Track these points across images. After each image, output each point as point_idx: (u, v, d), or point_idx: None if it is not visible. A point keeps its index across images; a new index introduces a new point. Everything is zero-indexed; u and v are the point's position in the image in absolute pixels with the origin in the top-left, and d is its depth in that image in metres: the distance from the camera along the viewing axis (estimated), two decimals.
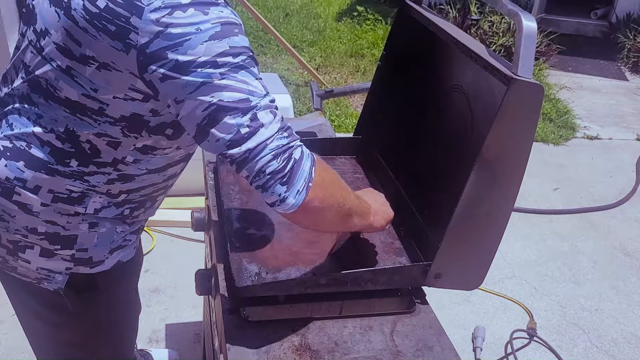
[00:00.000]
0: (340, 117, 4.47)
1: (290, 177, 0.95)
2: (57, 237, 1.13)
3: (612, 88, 5.76)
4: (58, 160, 1.08)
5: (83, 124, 1.05)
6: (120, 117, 1.04)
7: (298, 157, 0.97)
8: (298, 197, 0.96)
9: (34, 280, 1.19)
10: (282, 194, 0.95)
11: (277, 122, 0.96)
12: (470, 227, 1.20)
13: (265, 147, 0.94)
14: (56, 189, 1.10)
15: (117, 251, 1.22)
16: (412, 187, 1.48)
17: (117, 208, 1.18)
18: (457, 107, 1.41)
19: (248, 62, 0.96)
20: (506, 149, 1.12)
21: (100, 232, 1.17)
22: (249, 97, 0.94)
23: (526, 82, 1.05)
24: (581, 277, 2.99)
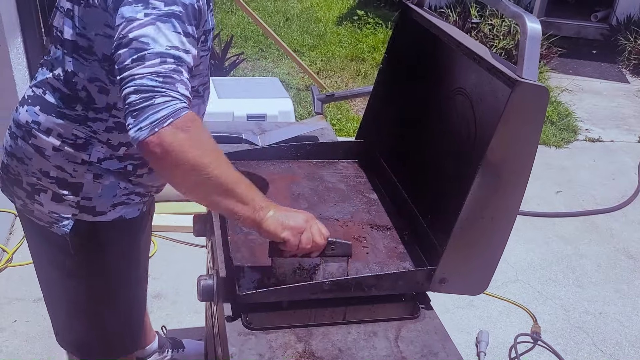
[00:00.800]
0: (341, 121, 4.46)
1: (139, 114, 0.98)
2: (65, 183, 1.27)
3: (613, 90, 5.75)
4: (66, 104, 1.23)
5: (78, 65, 1.19)
6: (103, 56, 1.17)
7: (158, 102, 0.98)
8: (139, 132, 0.98)
9: (46, 223, 1.32)
10: (130, 124, 0.99)
11: (160, 67, 0.99)
12: (475, 231, 1.18)
13: (132, 81, 0.99)
14: (64, 134, 1.24)
15: (120, 206, 1.32)
16: (416, 191, 1.47)
17: (120, 162, 1.28)
18: (460, 110, 1.40)
19: (177, 14, 1.03)
20: (511, 152, 1.11)
21: (104, 184, 1.28)
22: (150, 42, 1.00)
23: (531, 84, 1.04)
24: (585, 280, 2.97)
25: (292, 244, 1.11)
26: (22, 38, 3.26)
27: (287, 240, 1.10)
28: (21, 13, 3.21)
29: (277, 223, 1.10)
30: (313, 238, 1.12)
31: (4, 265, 2.67)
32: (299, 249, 1.12)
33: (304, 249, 1.12)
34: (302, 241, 1.11)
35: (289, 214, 1.12)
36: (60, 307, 1.51)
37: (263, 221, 1.09)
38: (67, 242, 1.31)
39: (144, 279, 1.58)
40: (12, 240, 2.85)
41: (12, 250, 2.76)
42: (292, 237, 1.10)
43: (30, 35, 3.29)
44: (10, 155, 1.33)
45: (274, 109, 3.00)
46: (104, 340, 1.54)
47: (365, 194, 1.59)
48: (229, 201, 1.06)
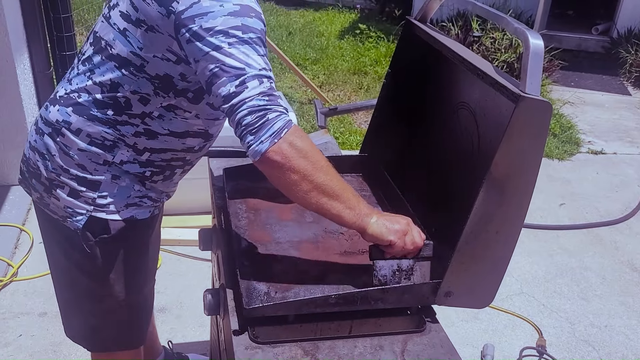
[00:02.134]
0: (344, 135, 4.48)
1: (259, 130, 1.10)
2: (84, 180, 1.35)
3: (615, 103, 5.76)
4: (99, 108, 1.31)
5: (125, 79, 1.27)
6: (155, 75, 1.26)
7: (272, 118, 1.10)
8: (260, 145, 1.10)
9: (60, 217, 1.39)
10: (250, 142, 1.11)
11: (262, 87, 1.12)
12: (480, 245, 1.19)
13: (244, 105, 1.11)
14: (93, 134, 1.32)
15: (132, 207, 1.39)
16: (420, 205, 1.48)
17: (140, 167, 1.37)
18: (463, 124, 1.41)
19: (255, 40, 1.15)
20: (515, 167, 1.12)
21: (121, 185, 1.36)
22: (245, 67, 1.12)
23: (534, 99, 1.05)
24: (590, 293, 2.97)
25: (399, 245, 1.19)
26: (28, 54, 3.29)
27: (394, 243, 1.19)
28: (27, 28, 3.24)
29: (383, 227, 1.19)
30: (414, 240, 1.21)
31: (9, 279, 2.68)
32: (404, 249, 1.20)
33: (408, 250, 1.21)
34: (406, 243, 1.20)
35: (392, 218, 1.22)
36: (70, 299, 1.57)
37: (369, 226, 1.18)
38: (79, 237, 1.38)
39: (151, 277, 1.62)
40: (17, 254, 2.87)
41: (17, 264, 2.77)
42: (398, 240, 1.19)
43: (36, 51, 3.32)
44: (33, 150, 1.40)
45: None
46: (111, 332, 1.58)
47: None
48: (338, 206, 1.16)
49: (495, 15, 1.22)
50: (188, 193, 2.77)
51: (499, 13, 1.19)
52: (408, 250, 1.21)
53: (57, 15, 3.37)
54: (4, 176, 3.35)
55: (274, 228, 1.44)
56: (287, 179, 1.12)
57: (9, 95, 3.14)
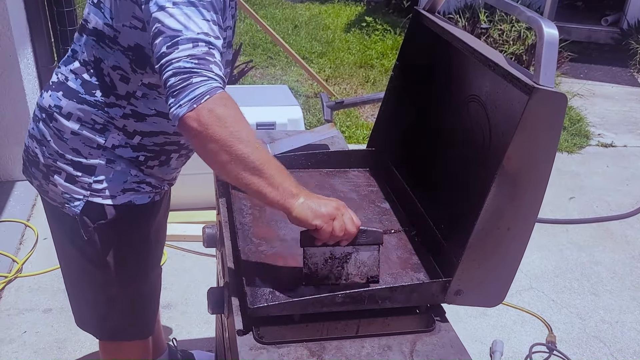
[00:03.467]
0: (350, 128, 4.43)
1: (179, 93, 1.05)
2: (80, 165, 1.35)
3: (625, 95, 5.68)
4: (87, 90, 1.32)
5: (103, 53, 1.28)
6: (128, 46, 1.25)
7: (196, 82, 1.05)
8: (178, 109, 1.05)
9: (59, 204, 1.40)
10: (170, 104, 1.07)
11: (193, 50, 1.07)
12: (491, 242, 1.15)
13: (170, 65, 1.07)
14: (83, 118, 1.33)
15: (129, 192, 1.38)
16: (429, 200, 1.44)
17: (133, 151, 1.36)
18: (474, 117, 1.37)
19: (204, 3, 1.11)
20: (528, 161, 1.08)
21: (116, 169, 1.36)
22: (182, 30, 1.08)
23: (548, 91, 1.01)
24: (600, 288, 2.92)
25: (325, 231, 1.10)
26: (32, 48, 3.26)
27: (320, 227, 1.10)
28: (31, 23, 3.22)
29: (308, 210, 1.09)
30: (345, 226, 1.12)
31: (14, 275, 2.67)
32: (331, 236, 1.11)
33: (336, 237, 1.12)
34: (334, 229, 1.10)
35: (320, 201, 1.12)
36: (76, 287, 1.57)
37: (293, 208, 1.09)
38: (78, 223, 1.38)
39: (156, 265, 1.60)
40: (22, 250, 2.85)
41: (22, 260, 2.76)
42: (324, 225, 1.10)
43: (40, 46, 3.30)
44: (31, 137, 1.42)
45: (283, 117, 2.98)
46: (118, 321, 1.57)
47: (378, 203, 1.57)
48: (259, 182, 1.07)
49: (507, 4, 1.17)
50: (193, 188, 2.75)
51: (511, 2, 1.15)
52: (337, 237, 1.12)
53: (60, 10, 3.35)
54: (8, 171, 3.33)
55: (279, 225, 1.41)
56: (205, 147, 1.06)
57: (13, 90, 3.12)
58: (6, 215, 3.07)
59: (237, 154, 1.05)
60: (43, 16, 3.27)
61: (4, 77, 3.08)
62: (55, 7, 3.33)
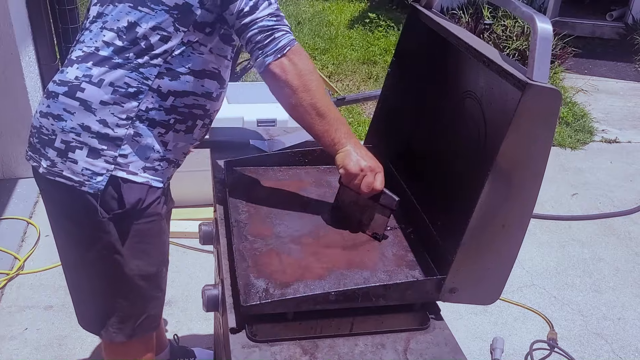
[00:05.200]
0: (352, 125, 4.43)
1: (266, 46, 1.27)
2: (106, 137, 1.33)
3: (629, 90, 5.65)
4: (119, 54, 1.32)
5: (141, 15, 1.30)
6: (174, 4, 1.30)
7: (278, 36, 1.27)
8: (266, 58, 1.26)
9: (77, 183, 1.35)
10: (258, 56, 1.28)
11: (271, 8, 1.28)
12: (486, 239, 1.15)
13: (255, 25, 1.27)
14: (116, 82, 1.32)
15: (149, 171, 1.39)
16: (425, 197, 1.44)
17: (166, 114, 1.37)
18: (470, 114, 1.36)
19: None
20: (522, 158, 1.07)
21: (141, 143, 1.36)
22: None
23: (542, 87, 1.00)
24: (602, 284, 2.91)
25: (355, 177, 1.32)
26: (33, 46, 3.27)
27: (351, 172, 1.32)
28: (33, 21, 3.22)
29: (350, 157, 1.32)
30: (369, 182, 1.32)
31: (15, 272, 2.68)
32: (357, 185, 1.33)
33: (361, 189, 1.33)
34: (363, 181, 1.32)
35: (363, 153, 1.34)
36: (81, 282, 1.52)
37: (338, 152, 1.33)
38: (96, 203, 1.35)
39: (166, 259, 1.59)
40: (24, 247, 2.86)
41: (24, 257, 2.77)
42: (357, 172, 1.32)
43: (42, 44, 3.30)
44: (45, 116, 1.37)
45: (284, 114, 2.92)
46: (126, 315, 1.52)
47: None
48: (320, 126, 1.31)
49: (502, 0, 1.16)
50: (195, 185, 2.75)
51: None
52: (361, 189, 1.33)
53: (62, 7, 3.35)
54: (11, 169, 3.35)
55: (275, 222, 1.41)
56: (281, 90, 1.28)
57: (15, 88, 3.13)
58: (8, 213, 3.08)
59: (307, 100, 1.28)
60: (45, 14, 3.27)
61: (5, 75, 3.09)
62: (57, 5, 3.33)
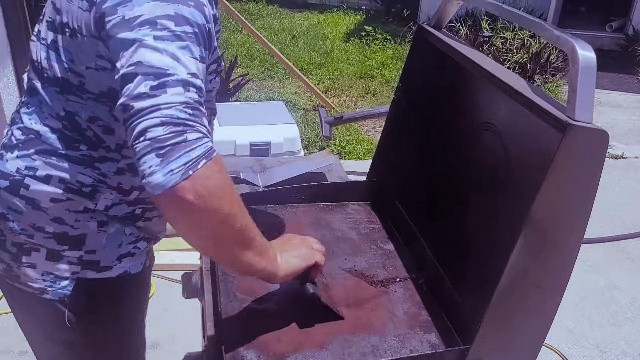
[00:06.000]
0: (350, 143, 4.26)
1: (169, 152, 0.82)
2: (65, 237, 1.08)
3: (633, 103, 5.51)
4: (67, 145, 1.05)
5: (74, 105, 1.03)
6: (100, 92, 1.01)
7: (191, 139, 0.84)
8: (169, 176, 0.82)
9: (37, 290, 1.11)
10: (152, 166, 0.82)
11: (186, 97, 0.85)
12: (516, 302, 0.97)
13: (157, 111, 0.83)
14: (67, 178, 1.05)
15: (125, 259, 1.13)
16: (438, 242, 1.26)
17: (129, 206, 1.11)
18: (488, 148, 1.20)
19: (190, 36, 0.89)
20: (561, 210, 0.90)
21: (109, 232, 1.11)
22: (169, 68, 0.85)
23: (586, 128, 0.84)
24: (620, 316, 2.73)
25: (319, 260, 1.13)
26: (13, 67, 3.11)
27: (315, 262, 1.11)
28: (12, 40, 3.06)
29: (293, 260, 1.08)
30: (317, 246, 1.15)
31: None
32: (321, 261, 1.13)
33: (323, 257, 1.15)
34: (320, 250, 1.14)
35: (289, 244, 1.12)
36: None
37: (279, 269, 1.05)
38: (63, 310, 1.11)
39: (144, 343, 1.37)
40: None
41: None
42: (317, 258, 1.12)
43: (21, 64, 3.14)
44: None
45: (278, 136, 2.81)
46: None
47: (380, 244, 1.39)
48: (249, 255, 0.97)
49: (529, 21, 1.00)
50: None
51: (535, 19, 0.97)
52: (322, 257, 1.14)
53: None
54: None
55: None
56: (195, 222, 0.87)
57: None
58: None
59: (235, 229, 0.91)
60: (25, 33, 3.11)
61: None
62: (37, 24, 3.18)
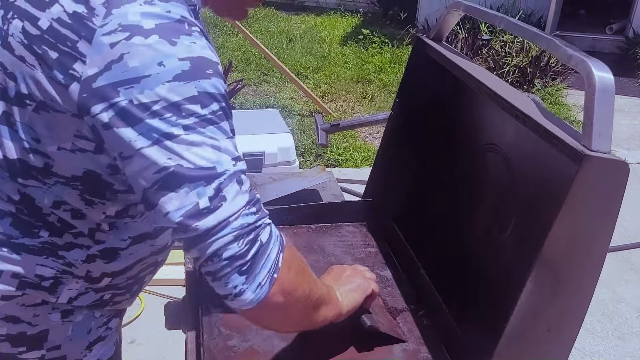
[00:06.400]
0: (347, 150, 4.17)
1: (252, 266, 0.75)
2: (21, 338, 0.90)
3: (635, 107, 5.43)
4: (24, 232, 0.86)
5: (33, 189, 0.84)
6: (72, 176, 0.83)
7: (265, 240, 0.77)
8: (259, 291, 0.76)
9: None
10: (238, 285, 0.75)
11: (245, 192, 0.76)
12: (525, 346, 0.89)
13: (227, 226, 0.74)
14: (22, 272, 0.87)
15: (96, 345, 0.98)
16: (438, 271, 1.18)
17: (96, 293, 0.95)
18: (492, 172, 1.11)
19: (220, 114, 0.76)
20: (576, 247, 0.82)
21: (76, 321, 0.94)
22: (215, 166, 0.73)
23: (605, 159, 0.75)
24: (625, 329, 2.65)
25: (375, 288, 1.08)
26: None
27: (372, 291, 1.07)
28: None
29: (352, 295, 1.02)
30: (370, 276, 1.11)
31: None
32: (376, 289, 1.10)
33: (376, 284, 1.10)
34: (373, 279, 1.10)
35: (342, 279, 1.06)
36: None
37: (343, 308, 0.99)
38: None
39: None
40: None
41: None
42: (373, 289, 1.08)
43: None
44: None
45: (272, 146, 2.73)
46: None
47: (377, 270, 1.30)
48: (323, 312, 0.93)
49: (538, 36, 0.91)
50: None
51: (547, 35, 0.89)
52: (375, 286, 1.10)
53: None
54: None
55: None
56: (288, 316, 0.84)
57: None
58: None
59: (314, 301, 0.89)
60: None
61: None
62: None
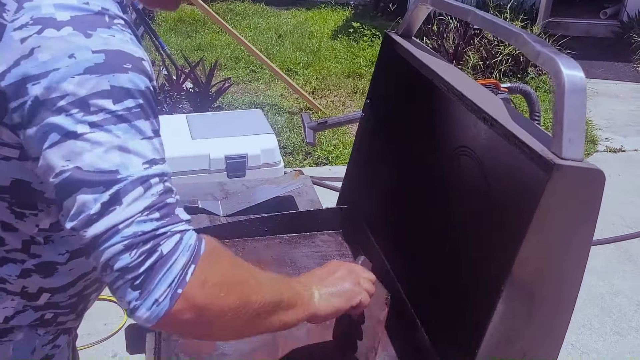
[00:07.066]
0: (338, 148, 4.09)
1: (146, 280, 0.65)
2: None
3: (630, 92, 5.35)
4: None
5: None
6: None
7: (167, 251, 0.66)
8: (155, 308, 0.66)
9: None
10: (132, 301, 0.66)
11: (148, 197, 0.67)
12: None
13: (116, 234, 0.65)
14: None
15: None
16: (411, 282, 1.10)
17: (36, 312, 0.88)
18: (466, 176, 1.03)
19: (136, 112, 0.68)
20: (549, 265, 0.74)
21: (16, 340, 0.87)
22: (118, 169, 0.66)
23: (577, 168, 0.67)
24: (624, 324, 2.57)
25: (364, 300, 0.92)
26: None
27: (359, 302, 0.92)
28: None
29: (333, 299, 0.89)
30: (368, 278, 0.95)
31: None
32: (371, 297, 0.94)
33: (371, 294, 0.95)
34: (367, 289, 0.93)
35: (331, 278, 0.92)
36: None
37: (318, 310, 0.87)
38: None
39: None
40: None
41: None
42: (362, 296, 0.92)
43: None
44: None
45: (255, 148, 2.64)
46: None
47: None
48: (278, 317, 0.80)
49: (505, 30, 0.83)
50: None
51: (515, 29, 0.81)
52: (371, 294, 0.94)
53: None
54: None
55: None
56: (208, 331, 0.74)
57: None
58: None
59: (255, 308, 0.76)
60: None
61: None
62: None
